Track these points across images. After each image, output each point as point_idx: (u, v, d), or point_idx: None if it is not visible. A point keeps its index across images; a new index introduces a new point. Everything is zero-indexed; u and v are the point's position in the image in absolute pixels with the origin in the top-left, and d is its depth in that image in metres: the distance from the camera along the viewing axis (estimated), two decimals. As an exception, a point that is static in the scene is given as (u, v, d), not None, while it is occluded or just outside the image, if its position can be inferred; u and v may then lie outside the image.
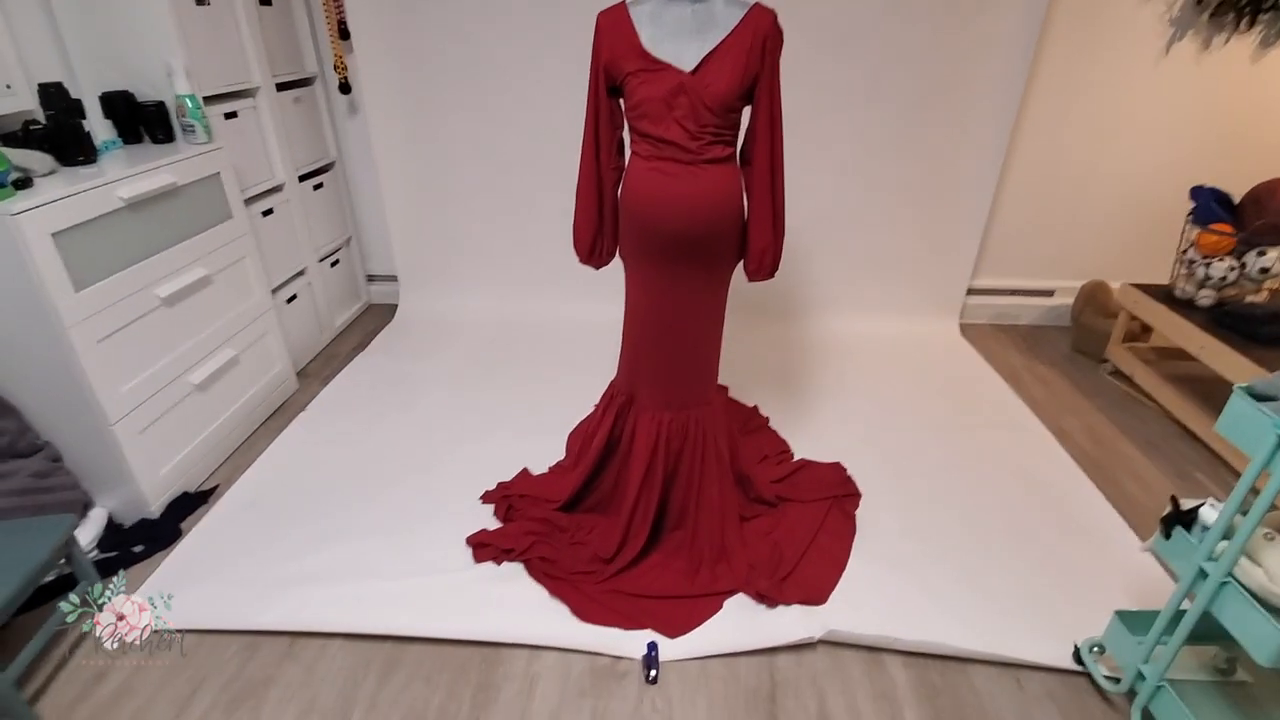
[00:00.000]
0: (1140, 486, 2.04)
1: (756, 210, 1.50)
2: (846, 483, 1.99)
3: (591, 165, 1.52)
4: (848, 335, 2.89)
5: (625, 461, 1.76)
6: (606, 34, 1.40)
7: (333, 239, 2.90)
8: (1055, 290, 3.06)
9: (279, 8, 2.51)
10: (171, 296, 1.89)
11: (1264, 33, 2.50)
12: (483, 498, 1.93)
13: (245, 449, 2.19)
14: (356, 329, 3.01)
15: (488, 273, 3.02)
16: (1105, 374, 2.69)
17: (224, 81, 2.21)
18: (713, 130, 1.38)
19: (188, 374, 1.97)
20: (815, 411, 2.38)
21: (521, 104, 2.67)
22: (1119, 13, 2.51)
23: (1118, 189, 2.83)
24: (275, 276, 2.45)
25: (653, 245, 1.48)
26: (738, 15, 1.35)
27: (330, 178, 2.86)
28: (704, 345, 1.64)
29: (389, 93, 2.69)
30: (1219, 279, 2.27)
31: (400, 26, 2.56)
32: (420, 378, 2.56)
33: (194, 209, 1.99)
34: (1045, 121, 2.70)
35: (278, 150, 2.47)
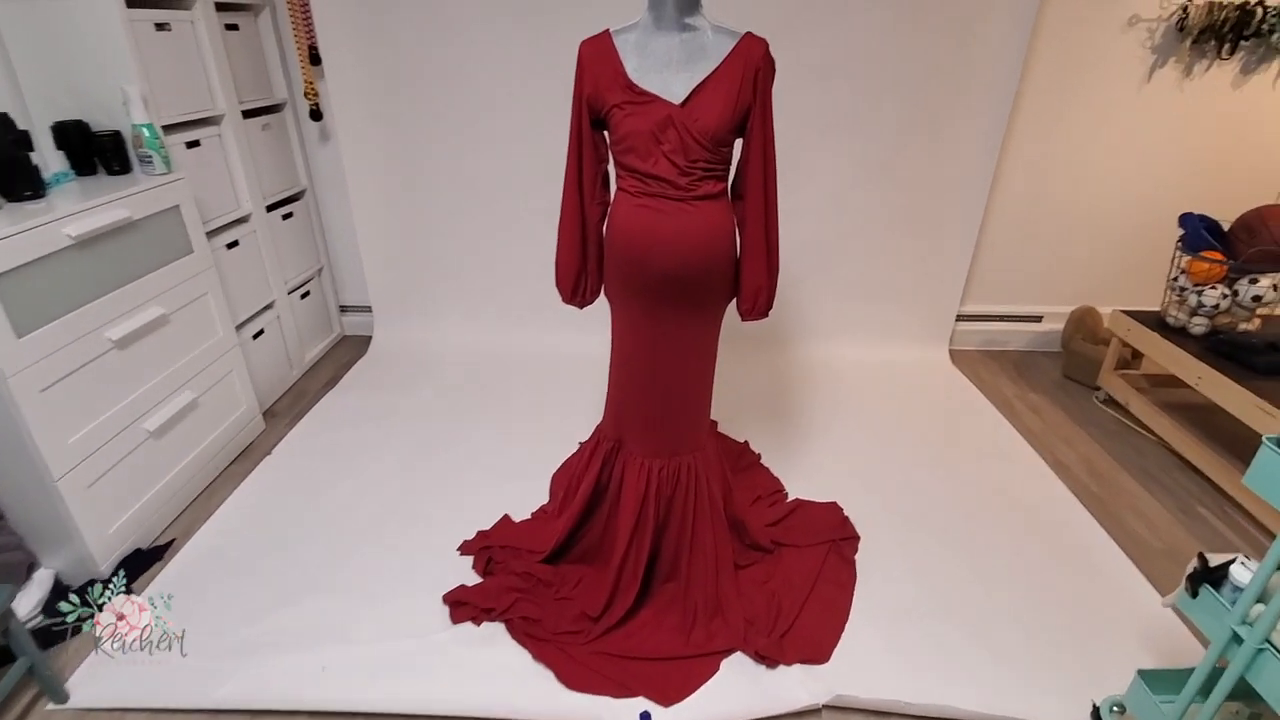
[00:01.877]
0: (1144, 524, 1.98)
1: (750, 247, 1.42)
2: (844, 525, 1.90)
3: (575, 201, 1.44)
4: (838, 363, 2.83)
5: (613, 511, 1.66)
6: (590, 64, 1.32)
7: (303, 270, 2.78)
8: (1044, 316, 3.03)
9: (246, 32, 2.41)
10: (125, 339, 1.76)
11: (1245, 59, 2.51)
12: (461, 549, 1.81)
13: (205, 498, 2.05)
14: (328, 363, 2.88)
15: (466, 303, 2.92)
16: (1098, 402, 2.65)
17: (185, 109, 2.10)
18: (704, 165, 1.30)
19: (142, 421, 1.84)
20: (808, 446, 2.30)
21: (501, 130, 2.59)
22: (1102, 40, 2.51)
23: (1103, 214, 2.82)
24: (240, 312, 2.32)
25: (641, 286, 1.40)
26: (728, 45, 1.28)
27: (300, 207, 2.74)
28: (696, 389, 1.55)
29: (362, 119, 2.59)
30: (1211, 307, 2.24)
31: (374, 51, 2.48)
32: (395, 415, 2.44)
33: (151, 244, 1.87)
34: (1031, 148, 2.68)
35: (244, 180, 2.35)
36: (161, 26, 2.00)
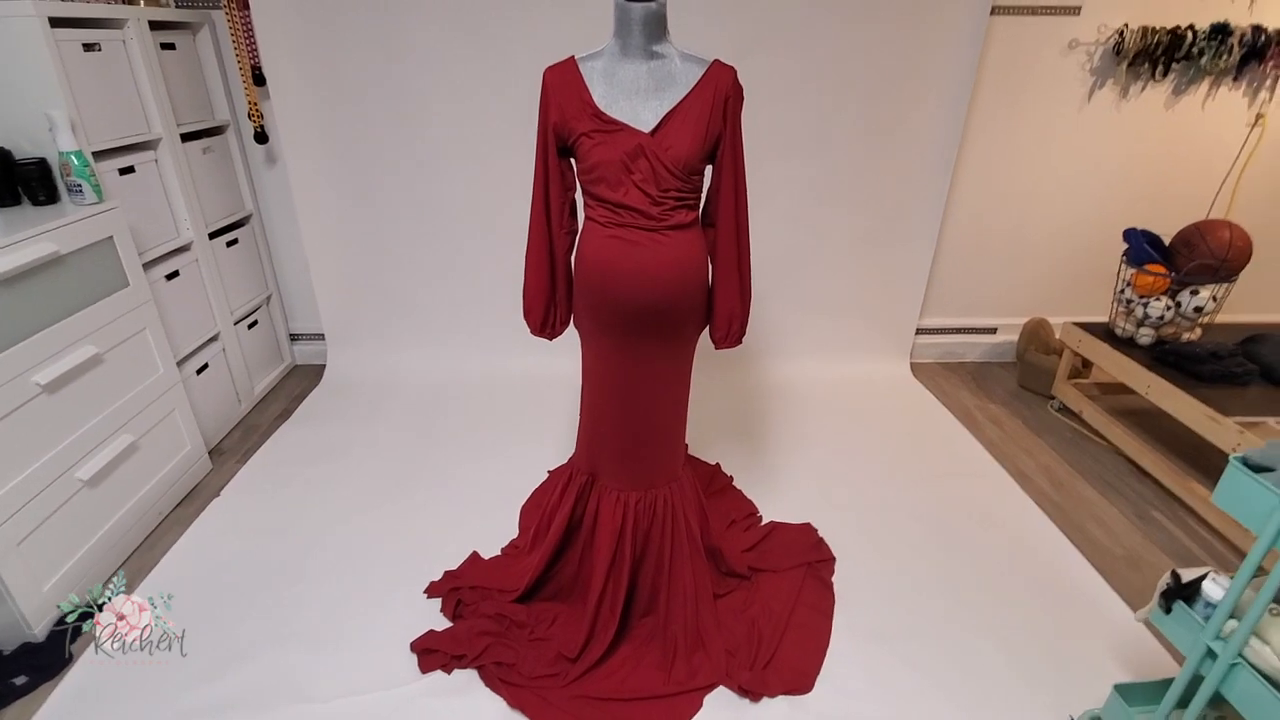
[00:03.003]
0: (1104, 531, 2.03)
1: (722, 275, 1.40)
2: (819, 546, 1.90)
3: (542, 231, 1.40)
4: (803, 379, 2.84)
5: (589, 546, 1.61)
6: (555, 92, 1.28)
7: (250, 298, 2.65)
8: (998, 327, 3.11)
9: (184, 52, 2.29)
10: (54, 382, 1.63)
11: (1176, 81, 2.64)
12: (428, 591, 1.73)
13: (148, 547, 1.91)
14: (280, 394, 2.75)
15: (425, 327, 2.83)
16: (1053, 410, 2.72)
17: (118, 134, 1.98)
18: (676, 194, 1.27)
19: (74, 470, 1.70)
20: (778, 465, 2.30)
21: (457, 150, 2.52)
22: (1045, 63, 2.60)
23: (1051, 229, 2.92)
24: (183, 346, 2.19)
25: (613, 317, 1.36)
26: (697, 73, 1.26)
27: (246, 233, 2.62)
28: (670, 420, 1.52)
29: (310, 140, 2.49)
30: (1157, 318, 2.33)
31: (321, 70, 2.39)
32: (352, 448, 2.34)
33: (81, 279, 1.74)
34: (982, 166, 2.76)
35: (184, 206, 2.23)
36: (90, 47, 1.88)
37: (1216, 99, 2.68)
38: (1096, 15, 2.53)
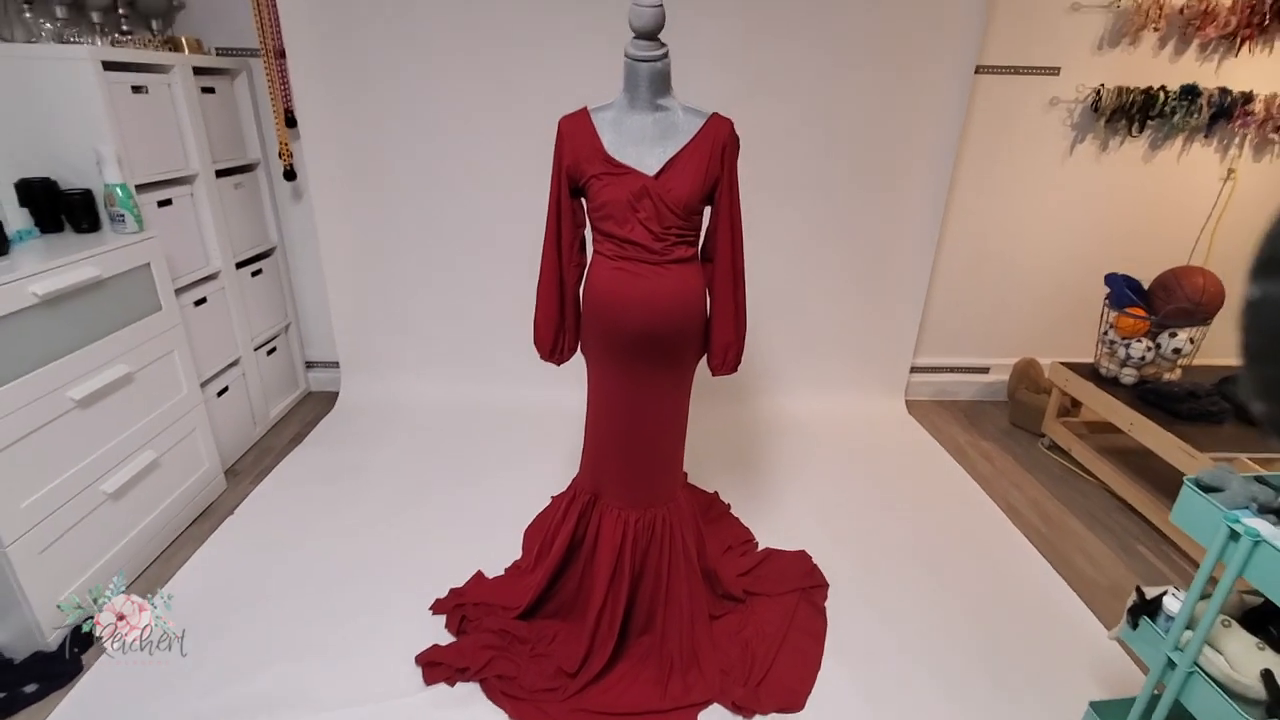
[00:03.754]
0: (1090, 564, 2.09)
1: (719, 307, 1.51)
2: (814, 572, 1.95)
3: (554, 263, 1.51)
4: (801, 414, 2.93)
5: (589, 564, 1.67)
6: (569, 139, 1.42)
7: (270, 326, 2.76)
8: (990, 367, 3.21)
9: (222, 95, 2.46)
10: (87, 398, 1.73)
11: (1152, 136, 2.80)
12: (433, 607, 1.79)
13: (162, 562, 1.98)
14: (294, 419, 2.84)
15: (435, 357, 2.94)
16: (1043, 448, 2.80)
17: (159, 169, 2.12)
18: (676, 231, 1.39)
19: (100, 482, 1.78)
20: (774, 495, 2.37)
21: (472, 190, 2.67)
22: (1028, 118, 2.77)
23: (1039, 273, 3.04)
24: (206, 368, 2.30)
25: (618, 343, 1.46)
26: (698, 124, 1.39)
27: (270, 263, 2.75)
28: (669, 442, 1.61)
29: (335, 178, 2.65)
30: (1139, 358, 2.43)
31: (349, 114, 2.56)
32: (362, 471, 2.42)
33: (119, 302, 1.86)
34: (971, 212, 2.90)
35: (215, 237, 2.37)
36: (138, 89, 2.04)
37: (1190, 154, 2.84)
38: (1074, 76, 2.71)
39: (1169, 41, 2.66)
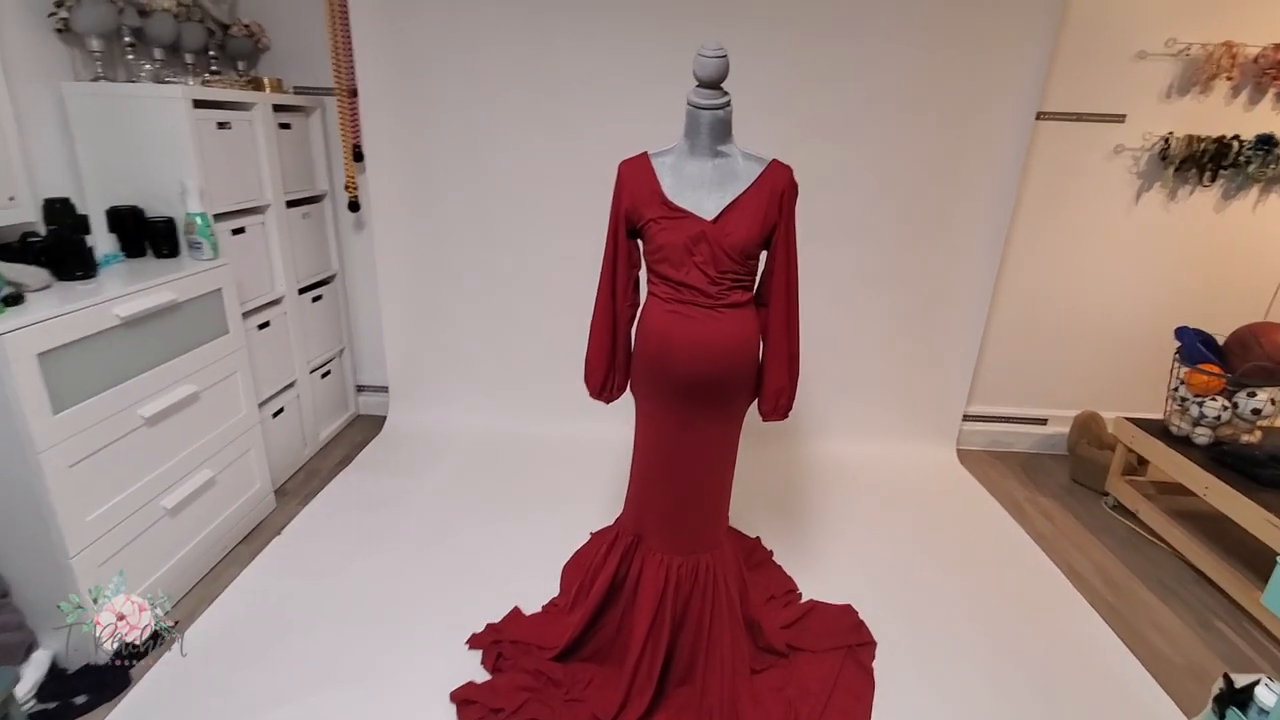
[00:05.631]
0: (1164, 639, 1.95)
1: (772, 352, 1.49)
2: (859, 629, 1.87)
3: (608, 303, 1.52)
4: (847, 460, 2.85)
5: (629, 607, 1.64)
6: (629, 181, 1.44)
7: (326, 350, 2.85)
8: (1049, 419, 3.08)
9: (297, 131, 2.59)
10: (155, 416, 1.80)
11: (1225, 186, 2.69)
12: (470, 642, 1.77)
13: (211, 579, 2.02)
14: (342, 441, 2.90)
15: (482, 388, 2.98)
16: (1107, 508, 2.65)
17: (236, 200, 2.23)
18: (733, 276, 1.39)
19: (160, 498, 1.84)
20: (819, 544, 2.29)
21: (527, 230, 2.74)
22: (1090, 163, 2.70)
23: (1102, 323, 2.93)
24: (264, 389, 2.37)
25: (669, 386, 1.45)
26: (756, 170, 1.40)
27: (330, 290, 2.85)
28: (716, 487, 1.58)
29: (397, 212, 2.74)
30: (1213, 418, 2.29)
31: (413, 152, 2.66)
32: (406, 498, 2.44)
33: (192, 325, 1.94)
34: (1030, 258, 2.83)
35: (281, 264, 2.47)
36: (223, 125, 2.16)
37: (1266, 204, 2.72)
38: (1141, 123, 2.64)
39: (1243, 90, 2.58)
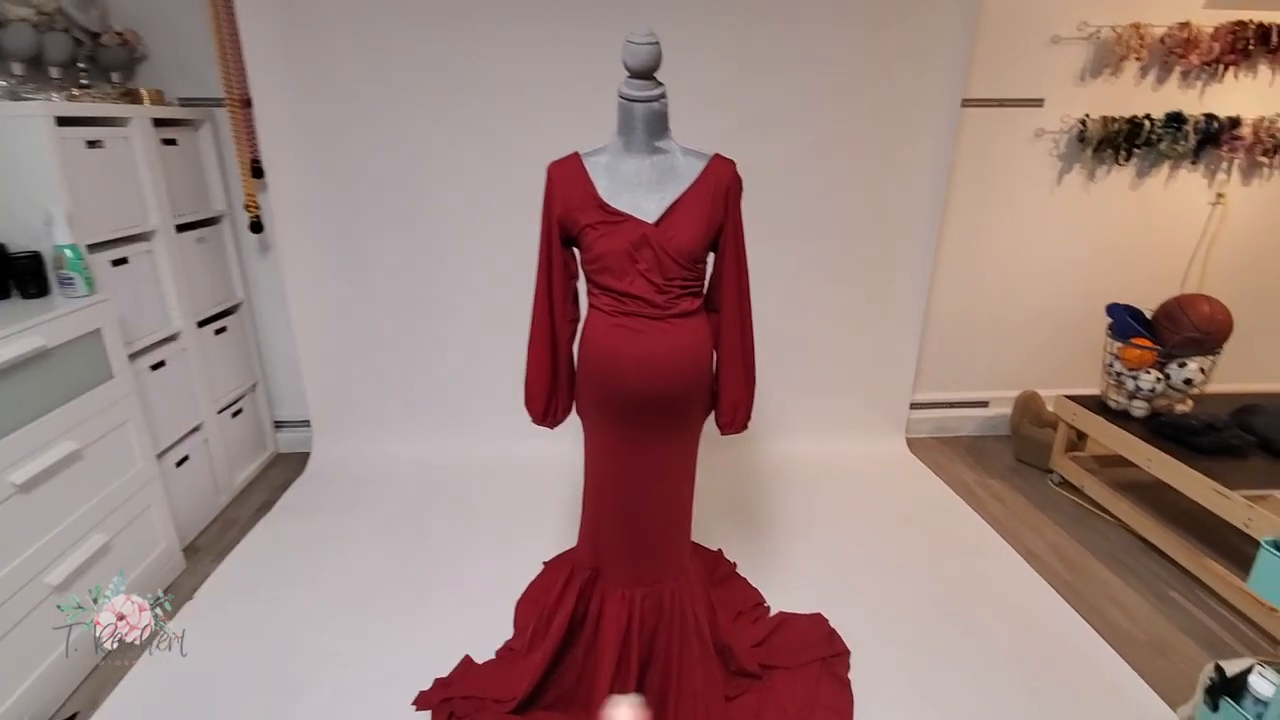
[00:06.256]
0: (1125, 615, 1.96)
1: (727, 360, 1.40)
2: (832, 638, 1.80)
3: (545, 319, 1.39)
4: (801, 458, 2.80)
5: (592, 648, 1.51)
6: (560, 185, 1.31)
7: (236, 387, 2.59)
8: (990, 401, 3.13)
9: (185, 147, 2.34)
10: (30, 481, 1.55)
11: (1139, 165, 2.79)
12: (417, 703, 1.60)
13: (114, 657, 1.77)
14: (262, 485, 2.65)
15: (415, 413, 2.78)
16: (1053, 484, 2.70)
17: (114, 227, 1.98)
18: (680, 282, 1.28)
19: (45, 574, 1.59)
20: (781, 548, 2.22)
21: (452, 239, 2.56)
22: (1014, 149, 2.74)
23: (1033, 303, 2.99)
24: (164, 437, 2.12)
25: (618, 406, 1.33)
26: (698, 167, 1.30)
27: (235, 320, 2.60)
28: (677, 511, 1.47)
29: (305, 230, 2.52)
30: (1148, 390, 2.35)
31: (318, 163, 2.44)
32: (336, 542, 2.23)
33: (66, 373, 1.69)
34: (964, 244, 2.85)
35: (175, 296, 2.21)
36: (94, 144, 1.91)
37: (1177, 180, 2.83)
38: (1058, 107, 2.69)
39: (1151, 70, 2.67)
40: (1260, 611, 1.87)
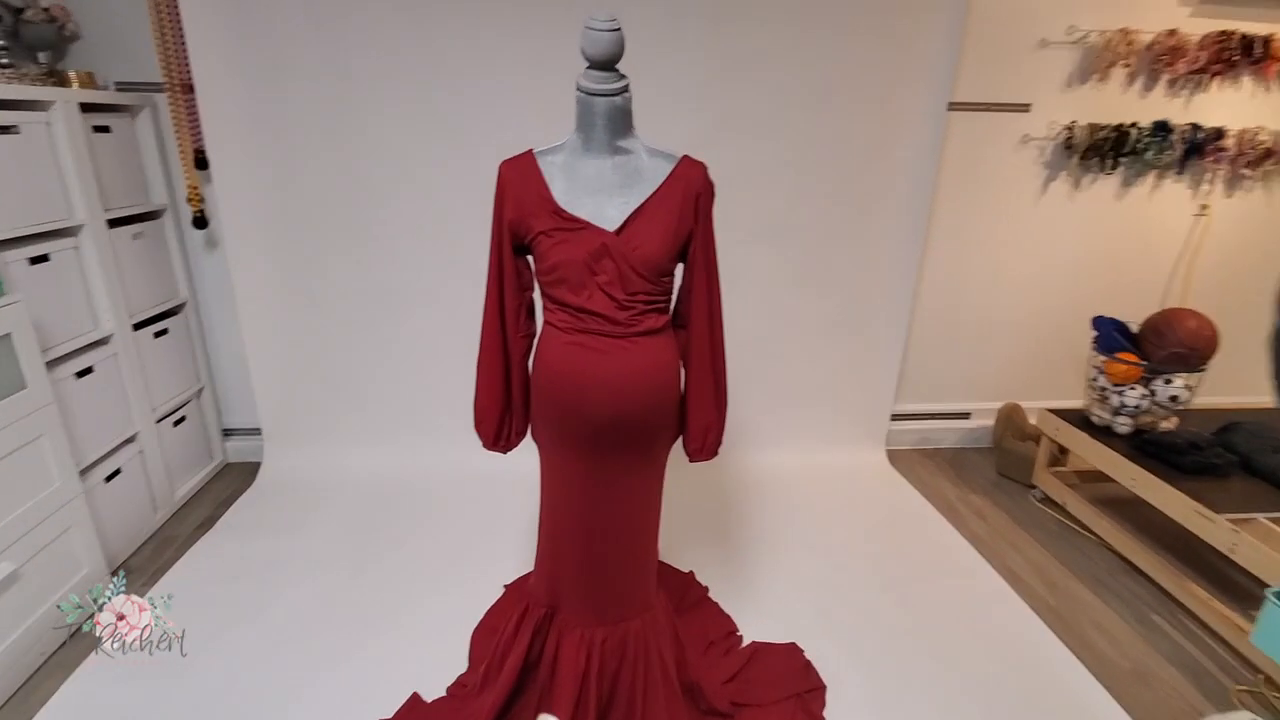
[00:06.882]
0: (1106, 640, 1.89)
1: (696, 381, 1.28)
2: (807, 672, 1.70)
3: (496, 334, 1.26)
4: (778, 471, 2.70)
5: (547, 692, 1.39)
6: (511, 187, 1.18)
7: (178, 393, 2.42)
8: (971, 412, 3.05)
9: (120, 135, 2.16)
10: (-84, 506, 1.39)
11: (1124, 173, 2.72)
12: (358, 747, 1.47)
13: (22, 697, 1.61)
14: (206, 498, 2.48)
15: (372, 421, 2.62)
16: (1035, 500, 2.63)
17: (32, 222, 1.80)
18: (644, 297, 1.16)
19: (-66, 611, 1.43)
20: (755, 569, 2.12)
21: (409, 237, 2.41)
22: (999, 157, 2.66)
23: (1017, 313, 2.92)
24: (90, 452, 1.95)
25: (577, 432, 1.21)
26: (665, 169, 1.17)
27: (178, 322, 2.42)
28: (641, 544, 1.35)
29: (253, 225, 2.35)
30: (1134, 407, 2.28)
31: (268, 154, 2.27)
32: (281, 564, 2.08)
33: (-34, 384, 1.53)
34: (948, 252, 2.77)
35: (105, 296, 2.04)
36: (8, 129, 1.74)
37: (1162, 190, 2.77)
38: (1045, 113, 2.62)
39: (1138, 78, 2.60)
40: (1240, 637, 1.80)
